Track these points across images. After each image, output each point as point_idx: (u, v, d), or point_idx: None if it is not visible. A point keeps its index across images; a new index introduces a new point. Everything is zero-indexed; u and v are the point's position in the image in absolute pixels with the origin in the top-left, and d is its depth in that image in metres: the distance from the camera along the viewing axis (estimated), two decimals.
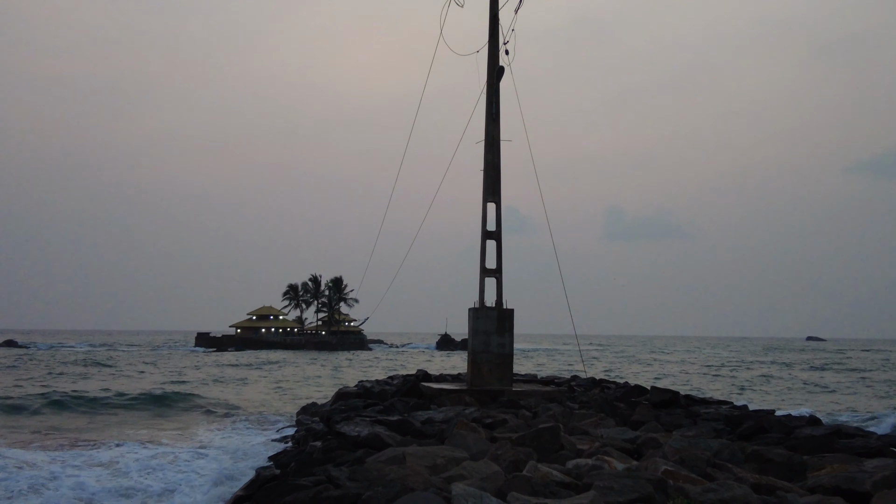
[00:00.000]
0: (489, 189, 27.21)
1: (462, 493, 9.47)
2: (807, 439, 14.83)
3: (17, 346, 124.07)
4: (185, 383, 51.28)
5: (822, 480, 10.43)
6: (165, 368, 69.48)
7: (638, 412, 19.78)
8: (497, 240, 27.04)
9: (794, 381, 59.81)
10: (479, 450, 13.28)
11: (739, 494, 9.19)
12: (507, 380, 25.71)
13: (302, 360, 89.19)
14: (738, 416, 18.83)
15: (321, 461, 13.49)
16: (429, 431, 16.70)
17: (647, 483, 9.78)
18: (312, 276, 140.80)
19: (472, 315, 26.07)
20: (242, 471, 18.02)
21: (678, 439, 13.35)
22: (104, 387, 45.25)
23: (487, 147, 27.48)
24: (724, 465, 11.65)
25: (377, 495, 9.72)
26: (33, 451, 20.96)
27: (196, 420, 31.11)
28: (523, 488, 9.94)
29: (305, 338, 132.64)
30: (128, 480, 17.21)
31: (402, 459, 12.10)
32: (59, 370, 63.85)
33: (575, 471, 11.32)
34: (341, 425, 16.86)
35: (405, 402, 22.89)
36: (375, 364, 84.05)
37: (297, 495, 10.23)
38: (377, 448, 14.13)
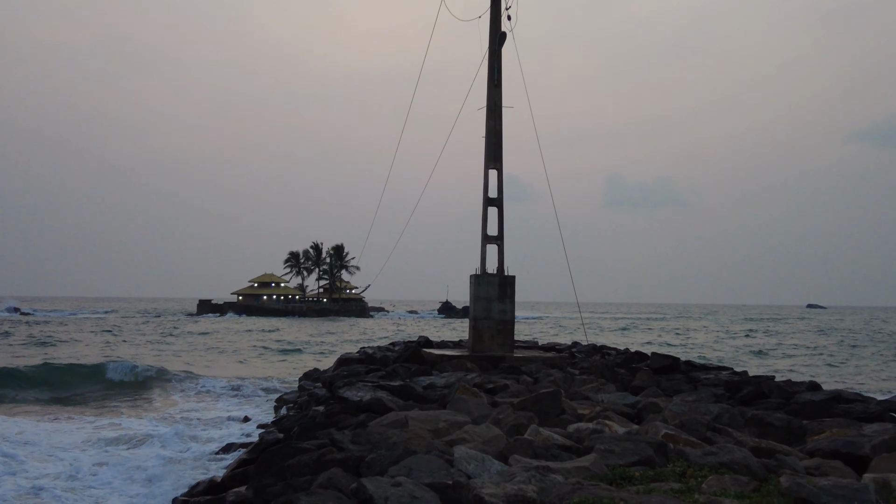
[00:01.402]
0: (491, 156, 27.11)
1: (464, 456, 9.55)
2: (806, 404, 14.92)
3: (20, 312, 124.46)
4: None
5: (822, 444, 10.50)
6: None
7: (638, 378, 19.88)
8: (499, 207, 27.01)
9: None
10: (480, 414, 13.38)
11: (739, 457, 9.26)
12: (509, 346, 25.82)
13: (303, 327, 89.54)
14: (738, 382, 18.93)
15: (324, 425, 13.59)
16: (430, 396, 16.82)
17: (647, 446, 9.86)
18: (314, 243, 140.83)
19: (474, 282, 26.12)
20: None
21: (678, 404, 13.44)
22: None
23: (489, 113, 27.35)
24: (723, 430, 11.73)
25: (380, 458, 9.80)
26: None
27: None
28: (525, 451, 10.03)
29: (307, 305, 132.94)
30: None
31: (404, 423, 12.20)
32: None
33: (576, 434, 11.42)
34: (343, 390, 16.97)
35: (407, 367, 23.01)
36: (377, 331, 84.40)
37: (301, 458, 10.32)
38: (379, 412, 14.23)
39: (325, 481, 8.86)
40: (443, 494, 8.36)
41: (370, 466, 9.74)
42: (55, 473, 14.99)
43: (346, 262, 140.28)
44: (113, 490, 14.05)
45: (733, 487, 8.17)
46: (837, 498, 7.37)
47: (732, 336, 79.83)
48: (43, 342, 56.00)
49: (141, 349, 51.90)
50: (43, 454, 16.56)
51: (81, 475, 15.11)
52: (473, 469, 9.32)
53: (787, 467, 9.19)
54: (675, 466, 9.32)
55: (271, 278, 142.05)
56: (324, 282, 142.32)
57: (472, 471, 9.28)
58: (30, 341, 56.70)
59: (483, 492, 7.50)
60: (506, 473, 8.86)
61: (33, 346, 52.32)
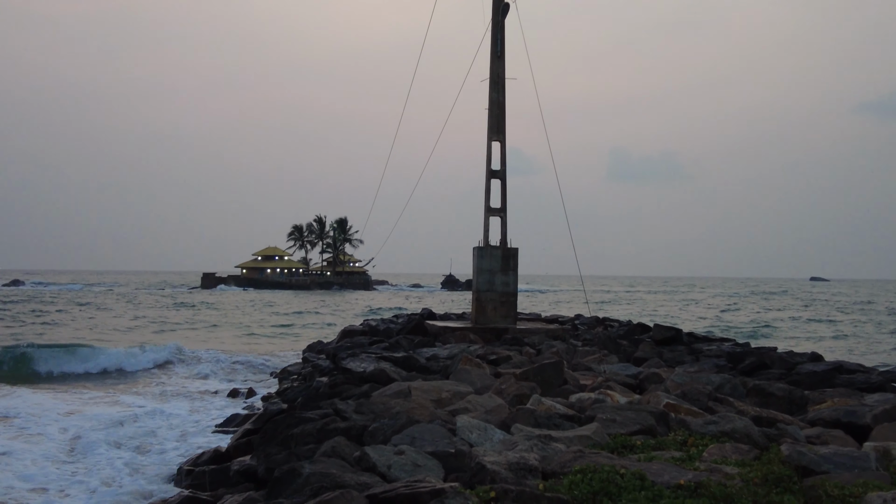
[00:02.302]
0: (494, 127, 27.01)
1: (466, 425, 9.62)
2: (808, 375, 14.97)
3: (23, 285, 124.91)
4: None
5: (823, 414, 10.55)
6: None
7: (641, 349, 19.94)
8: (502, 179, 26.95)
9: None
10: (483, 384, 13.44)
11: (740, 426, 9.30)
12: (512, 318, 25.88)
13: (306, 300, 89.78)
14: (740, 353, 18.98)
15: (328, 395, 13.67)
16: (433, 367, 16.89)
17: (648, 415, 9.91)
18: (317, 216, 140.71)
19: (477, 254, 26.13)
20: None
21: (680, 374, 13.49)
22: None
23: (492, 85, 27.20)
24: (725, 399, 11.78)
25: (383, 427, 9.86)
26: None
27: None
28: (527, 420, 10.09)
29: (310, 278, 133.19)
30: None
31: (407, 393, 12.26)
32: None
33: (578, 404, 11.47)
34: (347, 361, 17.05)
35: (410, 339, 23.09)
36: (380, 304, 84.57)
37: (305, 427, 10.39)
38: (383, 383, 14.30)
39: (328, 450, 8.92)
40: (445, 462, 8.42)
41: (373, 435, 9.81)
42: (58, 446, 15.09)
43: (350, 235, 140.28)
44: (117, 461, 14.15)
45: (734, 456, 8.22)
46: (838, 465, 7.42)
47: (733, 308, 79.93)
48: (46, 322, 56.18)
49: (143, 324, 52.12)
50: (40, 427, 16.65)
51: (85, 448, 15.22)
52: (476, 438, 9.39)
53: (787, 436, 9.23)
54: (676, 435, 9.37)
55: (275, 251, 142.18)
56: (327, 255, 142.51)
57: (474, 439, 9.35)
58: (34, 319, 56.92)
59: (485, 460, 7.55)
60: (508, 442, 8.91)
61: (40, 325, 52.52)
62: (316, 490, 7.42)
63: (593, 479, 6.87)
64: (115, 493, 11.68)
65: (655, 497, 6.45)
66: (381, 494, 6.94)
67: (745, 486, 6.86)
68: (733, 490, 6.69)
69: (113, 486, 12.15)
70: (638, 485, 6.73)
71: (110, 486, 12.08)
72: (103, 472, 13.05)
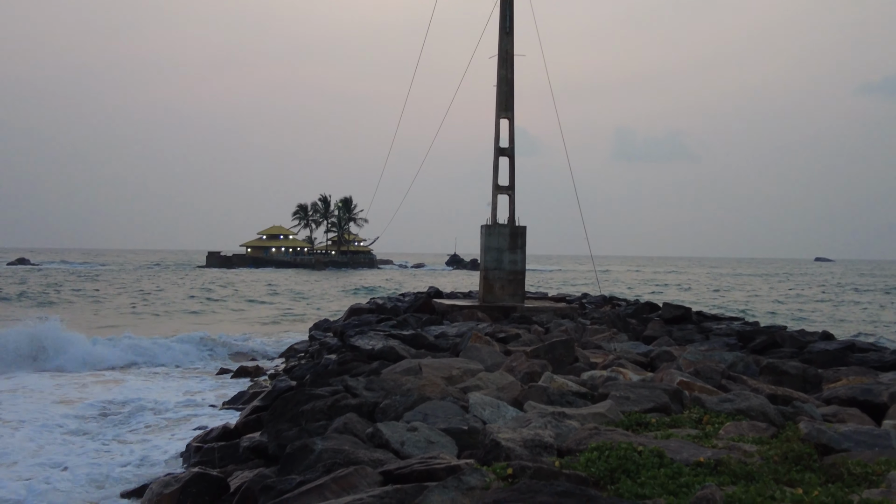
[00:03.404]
0: (502, 105, 26.78)
1: (479, 402, 9.53)
2: (820, 353, 14.85)
3: (29, 264, 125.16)
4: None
5: (839, 392, 10.43)
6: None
7: (650, 328, 19.84)
8: (510, 156, 26.75)
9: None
10: (493, 362, 13.35)
11: (756, 404, 9.20)
12: (520, 296, 25.78)
13: (311, 279, 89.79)
14: (751, 332, 18.86)
15: (337, 372, 13.59)
16: (442, 345, 16.80)
17: (662, 393, 9.81)
18: (322, 195, 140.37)
19: (485, 232, 25.99)
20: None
21: (693, 352, 13.38)
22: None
23: (501, 62, 26.94)
24: (738, 378, 11.67)
25: (395, 403, 9.78)
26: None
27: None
28: (539, 398, 10.00)
29: (315, 257, 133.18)
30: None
31: (417, 370, 12.17)
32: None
33: (590, 382, 11.37)
34: (355, 339, 16.97)
35: (418, 317, 23.01)
36: (386, 282, 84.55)
37: (315, 404, 10.30)
38: (392, 360, 14.23)
39: (340, 426, 8.84)
40: (459, 439, 8.33)
41: (385, 412, 9.73)
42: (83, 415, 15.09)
43: (355, 214, 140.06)
44: (127, 436, 14.14)
45: (751, 433, 8.12)
46: (858, 444, 7.31)
47: (739, 287, 79.74)
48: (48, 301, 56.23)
49: (152, 303, 52.17)
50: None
51: (101, 420, 15.23)
52: (489, 415, 9.30)
53: (804, 414, 9.13)
54: (691, 413, 9.27)
55: (280, 230, 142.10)
56: (332, 234, 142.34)
57: (487, 416, 9.26)
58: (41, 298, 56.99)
59: (500, 437, 7.45)
60: (521, 419, 8.82)
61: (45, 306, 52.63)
62: (329, 466, 7.34)
63: (610, 456, 6.77)
64: (124, 469, 11.66)
65: (675, 474, 6.35)
66: (396, 471, 6.86)
67: (765, 463, 6.76)
68: (753, 468, 6.59)
69: (122, 461, 12.14)
70: (657, 462, 6.63)
71: (121, 462, 12.07)
72: (115, 449, 13.05)
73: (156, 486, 9.51)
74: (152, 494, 9.34)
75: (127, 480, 11.17)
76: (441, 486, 5.97)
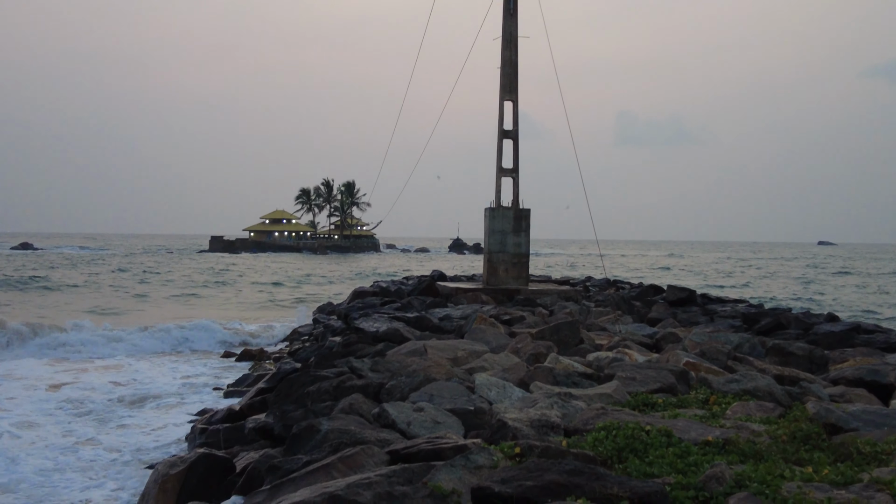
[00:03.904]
0: (506, 87, 26.64)
1: (485, 383, 9.50)
2: (826, 335, 14.80)
3: (33, 248, 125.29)
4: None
5: (846, 373, 10.39)
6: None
7: (654, 310, 19.81)
8: (514, 139, 26.63)
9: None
10: (498, 344, 13.33)
11: (763, 385, 9.17)
12: (523, 279, 25.74)
13: (315, 263, 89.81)
14: (755, 314, 18.81)
15: (342, 354, 13.56)
16: (447, 327, 16.77)
17: (669, 374, 9.78)
18: (325, 180, 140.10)
19: (489, 215, 25.91)
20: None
21: (698, 334, 13.35)
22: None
23: (505, 44, 26.78)
24: (744, 359, 11.63)
25: (401, 384, 9.76)
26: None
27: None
28: (546, 378, 9.97)
29: (318, 241, 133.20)
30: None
31: (423, 352, 12.15)
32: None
33: (596, 363, 11.34)
34: (360, 321, 16.94)
35: (422, 300, 22.98)
36: (389, 266, 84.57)
37: (321, 385, 10.28)
38: (397, 342, 14.20)
39: (346, 406, 8.82)
40: (465, 420, 8.31)
41: (391, 393, 9.71)
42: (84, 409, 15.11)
43: (358, 198, 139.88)
44: (129, 419, 14.16)
45: (759, 413, 8.09)
46: (867, 423, 7.28)
47: (743, 269, 79.66)
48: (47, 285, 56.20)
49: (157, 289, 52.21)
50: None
51: (106, 404, 15.26)
52: (495, 395, 9.27)
53: (811, 394, 9.09)
54: (697, 393, 9.24)
55: (283, 215, 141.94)
56: (335, 218, 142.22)
57: (493, 397, 9.24)
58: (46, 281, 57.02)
59: (507, 417, 7.43)
60: (528, 400, 8.79)
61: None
62: (336, 446, 7.32)
63: (618, 435, 6.74)
64: (133, 452, 11.68)
65: (683, 454, 6.32)
66: (403, 450, 6.83)
67: (774, 442, 6.73)
68: (762, 447, 6.56)
69: (132, 444, 12.16)
70: (665, 441, 6.60)
71: (128, 445, 12.09)
72: (122, 431, 13.08)
73: (161, 466, 9.51)
74: (158, 475, 9.34)
75: (129, 463, 11.19)
76: (449, 465, 5.94)
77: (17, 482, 10.03)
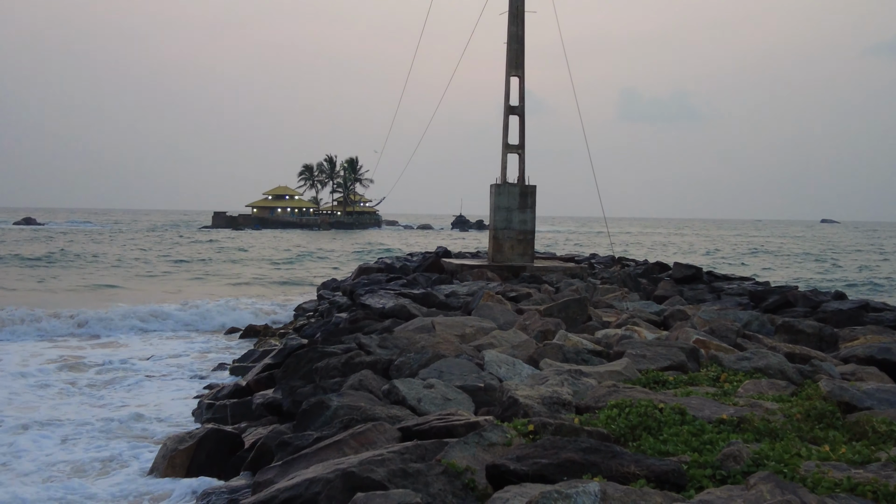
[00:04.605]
0: (513, 62, 26.41)
1: (495, 360, 9.45)
2: (834, 313, 14.73)
3: (36, 223, 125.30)
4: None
5: (857, 351, 10.34)
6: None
7: (661, 287, 19.74)
8: (520, 115, 26.45)
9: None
10: (506, 320, 13.28)
11: (774, 363, 9.12)
12: (529, 256, 25.67)
13: (318, 239, 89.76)
14: (763, 292, 18.75)
15: (349, 331, 13.53)
16: (453, 304, 16.72)
17: (679, 351, 9.72)
18: (328, 156, 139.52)
19: (494, 191, 25.79)
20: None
21: (707, 311, 13.28)
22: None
23: (511, 18, 26.52)
24: (754, 336, 11.57)
25: (409, 361, 9.72)
26: None
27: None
28: (555, 356, 9.92)
29: (321, 218, 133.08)
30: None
31: (431, 328, 12.11)
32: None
33: (604, 340, 11.30)
34: (366, 298, 16.90)
35: (427, 276, 22.93)
36: (393, 243, 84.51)
37: (329, 361, 10.24)
38: (404, 318, 14.16)
39: (355, 383, 8.78)
40: (475, 396, 8.28)
41: (400, 369, 9.67)
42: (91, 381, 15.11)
43: (360, 175, 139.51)
44: (139, 393, 14.17)
45: (771, 391, 8.04)
46: (881, 402, 7.22)
47: (751, 248, 79.51)
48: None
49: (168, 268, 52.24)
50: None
51: (111, 380, 15.26)
52: (504, 372, 9.23)
53: (822, 373, 9.04)
54: (708, 371, 9.20)
55: (286, 191, 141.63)
56: (338, 195, 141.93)
57: (503, 374, 9.19)
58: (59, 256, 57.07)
59: (517, 394, 7.38)
60: (538, 377, 8.74)
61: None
62: (346, 423, 7.28)
63: (631, 413, 6.69)
64: (140, 428, 11.68)
65: (698, 432, 6.27)
66: (415, 427, 6.80)
67: (788, 421, 6.68)
68: (777, 425, 6.51)
69: (138, 419, 12.17)
70: (678, 419, 6.55)
71: (134, 420, 12.10)
72: (128, 407, 13.09)
73: (170, 441, 9.51)
74: (167, 450, 9.34)
75: (137, 437, 11.19)
76: (462, 442, 5.90)
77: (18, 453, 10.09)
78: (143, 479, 8.99)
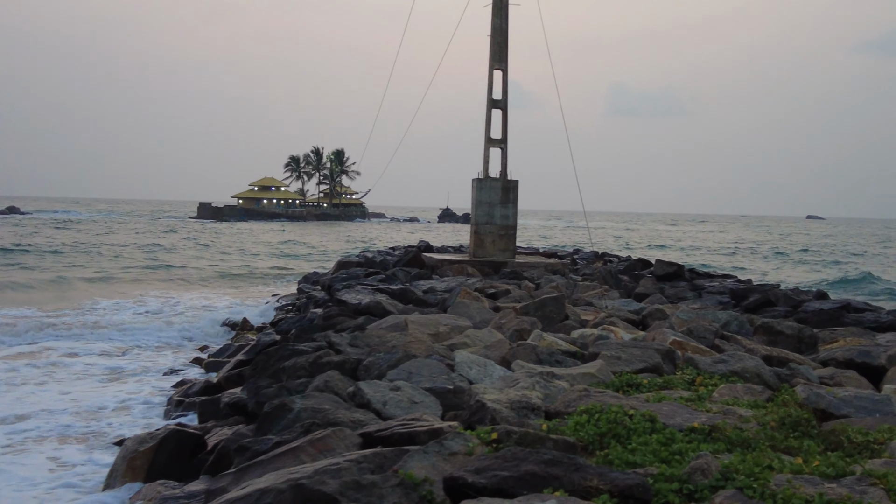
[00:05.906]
0: (496, 55, 26.15)
1: (466, 361, 9.21)
2: (815, 313, 14.58)
3: (20, 212, 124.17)
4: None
5: (836, 354, 10.16)
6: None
7: (642, 284, 19.57)
8: (503, 109, 26.19)
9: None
10: (482, 319, 13.05)
11: (751, 366, 8.91)
12: (510, 251, 25.45)
13: (303, 231, 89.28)
14: (744, 290, 18.57)
15: (322, 328, 13.27)
16: (431, 300, 16.48)
17: (655, 353, 9.51)
18: (314, 147, 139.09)
19: (476, 186, 25.54)
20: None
21: (685, 311, 13.10)
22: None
23: (495, 10, 26.25)
24: (732, 337, 11.38)
25: (378, 361, 9.47)
26: None
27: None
28: (528, 357, 9.69)
29: (307, 209, 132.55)
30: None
31: (403, 326, 11.86)
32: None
33: (580, 340, 11.08)
34: (342, 293, 16.64)
35: (407, 271, 22.67)
36: (377, 235, 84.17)
37: (297, 360, 9.99)
38: (378, 315, 13.91)
39: (321, 384, 8.53)
40: (444, 399, 8.03)
41: (368, 370, 9.42)
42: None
43: (347, 166, 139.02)
44: (106, 390, 13.90)
45: (746, 397, 7.83)
46: (858, 409, 7.03)
47: (737, 246, 79.61)
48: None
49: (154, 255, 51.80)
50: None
51: (83, 374, 14.97)
52: (475, 374, 9.00)
53: (800, 376, 8.85)
54: (684, 374, 8.99)
55: (271, 182, 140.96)
56: (324, 186, 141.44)
57: (473, 376, 8.96)
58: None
59: (485, 398, 7.13)
60: (509, 379, 8.52)
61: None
62: (308, 426, 7.03)
63: (600, 419, 6.47)
64: (105, 425, 11.40)
65: (667, 441, 6.04)
66: (376, 433, 6.55)
67: (762, 429, 6.47)
68: (749, 434, 6.30)
69: (103, 416, 11.88)
70: (648, 427, 6.32)
71: (99, 417, 11.81)
72: (97, 401, 12.80)
73: (131, 442, 9.20)
74: (127, 451, 9.03)
75: (105, 434, 10.92)
76: (422, 452, 5.66)
77: None
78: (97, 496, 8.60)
